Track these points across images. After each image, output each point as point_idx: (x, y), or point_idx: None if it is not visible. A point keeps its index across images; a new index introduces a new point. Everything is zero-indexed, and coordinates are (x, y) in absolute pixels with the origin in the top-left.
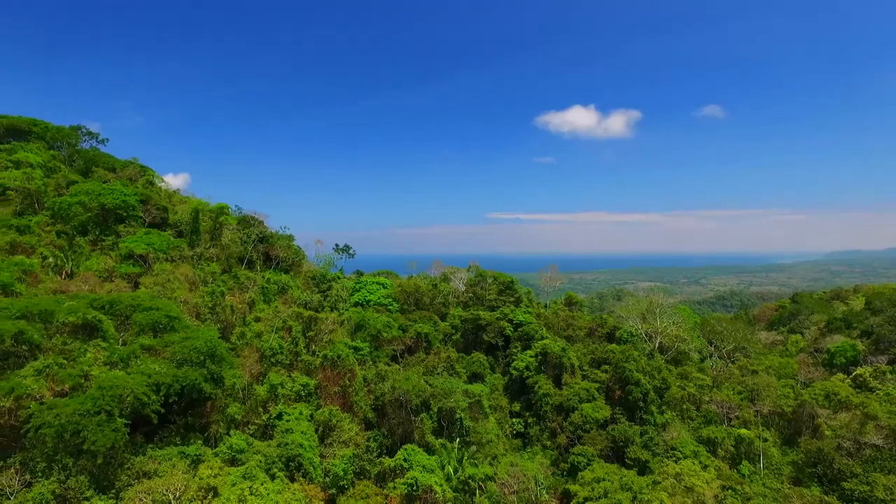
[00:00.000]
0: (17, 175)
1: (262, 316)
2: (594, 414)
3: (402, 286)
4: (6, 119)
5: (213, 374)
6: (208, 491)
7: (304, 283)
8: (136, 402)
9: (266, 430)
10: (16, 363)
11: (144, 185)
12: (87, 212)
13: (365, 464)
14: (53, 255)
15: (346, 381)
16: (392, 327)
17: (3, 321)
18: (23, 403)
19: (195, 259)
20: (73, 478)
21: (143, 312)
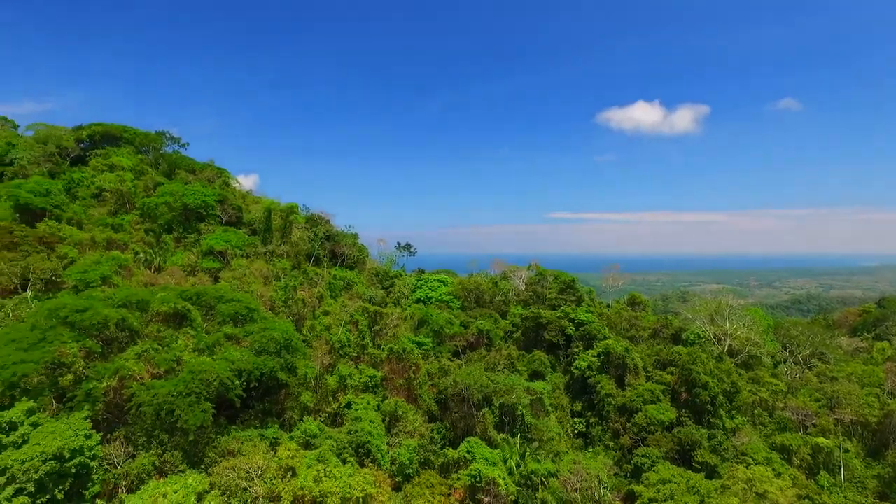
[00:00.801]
0: (111, 178)
1: (330, 310)
2: (659, 416)
3: (463, 284)
4: (101, 126)
5: (289, 364)
6: (287, 470)
7: (368, 279)
8: (220, 386)
9: (336, 418)
10: (118, 347)
11: (221, 186)
12: (171, 211)
13: (429, 454)
14: (143, 250)
15: (411, 375)
16: (454, 324)
17: (108, 309)
18: (126, 383)
19: (268, 255)
20: (168, 452)
21: (225, 304)
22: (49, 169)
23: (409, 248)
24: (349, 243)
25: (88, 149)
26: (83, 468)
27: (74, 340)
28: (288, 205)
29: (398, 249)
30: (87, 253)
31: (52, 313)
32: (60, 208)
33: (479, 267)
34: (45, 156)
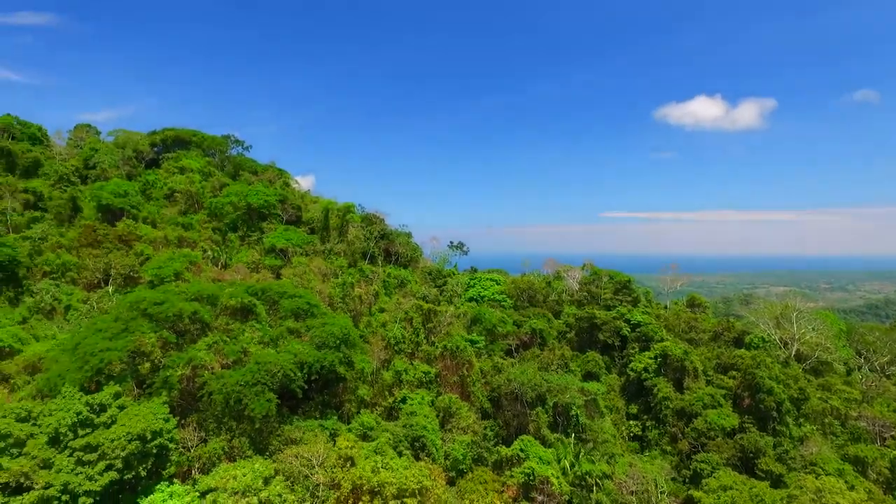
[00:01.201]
0: (181, 180)
1: (385, 307)
2: (720, 421)
3: (516, 283)
4: (173, 131)
5: (347, 358)
6: (346, 460)
7: (421, 277)
8: (284, 378)
9: (391, 412)
10: (191, 338)
11: (282, 187)
12: (236, 211)
13: (483, 451)
14: (211, 248)
15: (464, 372)
16: (507, 322)
17: (183, 302)
18: (198, 372)
19: (326, 253)
20: (236, 438)
21: (288, 299)
22: (127, 172)
23: (462, 246)
24: (403, 242)
25: (161, 152)
26: (163, 449)
27: (153, 331)
28: (345, 204)
29: (451, 248)
30: (161, 250)
31: (133, 305)
32: (137, 208)
33: (532, 266)
34: (123, 159)
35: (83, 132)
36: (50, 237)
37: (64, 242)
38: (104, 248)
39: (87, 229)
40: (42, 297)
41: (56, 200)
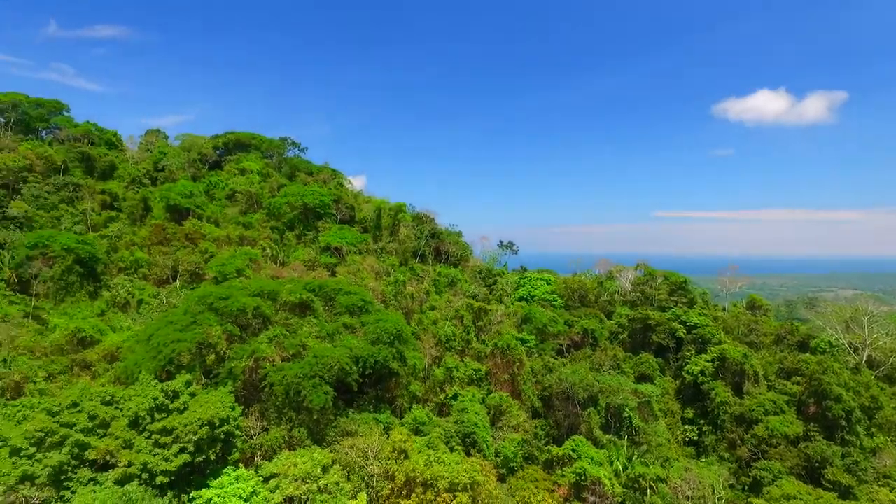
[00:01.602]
0: (242, 181)
1: (436, 305)
2: (783, 428)
3: (567, 283)
4: (234, 135)
5: (400, 354)
6: (400, 453)
7: (471, 276)
8: (340, 371)
9: (442, 409)
10: (253, 332)
11: (336, 187)
12: (293, 210)
13: (533, 450)
14: (270, 246)
15: (515, 370)
16: (557, 322)
17: (246, 297)
18: (260, 364)
19: (378, 252)
20: (296, 428)
21: (344, 296)
22: (192, 173)
23: (511, 246)
24: (453, 241)
25: (223, 155)
26: (229, 436)
27: (218, 324)
28: (396, 204)
29: (500, 248)
30: (223, 248)
31: (200, 300)
32: (201, 208)
33: (583, 266)
34: (189, 162)
35: (153, 137)
36: (124, 235)
37: (136, 240)
38: (172, 245)
39: (156, 228)
40: (118, 291)
41: (129, 201)
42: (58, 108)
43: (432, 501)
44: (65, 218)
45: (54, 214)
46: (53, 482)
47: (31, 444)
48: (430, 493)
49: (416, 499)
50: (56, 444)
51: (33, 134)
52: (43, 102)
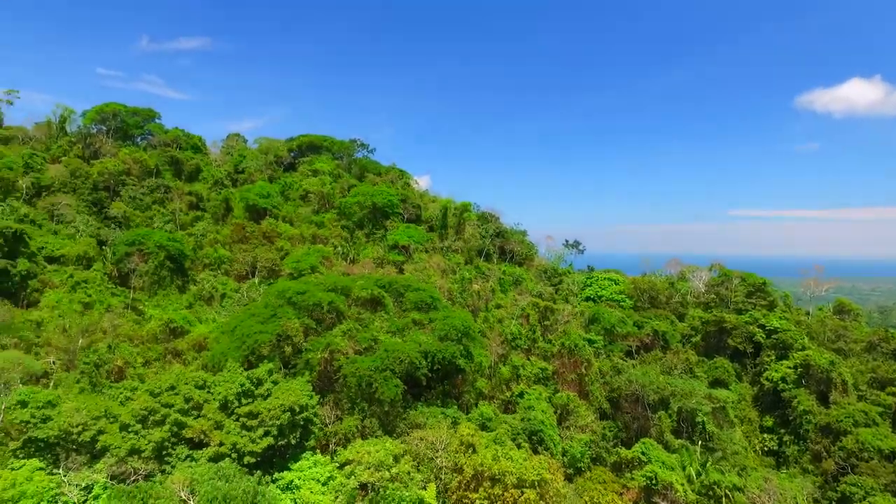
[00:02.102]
0: (314, 182)
1: (501, 303)
2: (876, 442)
3: (636, 283)
4: (307, 137)
5: (467, 351)
6: (468, 447)
7: (535, 275)
8: (409, 365)
9: (508, 406)
10: (327, 325)
11: (403, 187)
12: (362, 210)
13: (601, 451)
14: (341, 244)
15: (583, 371)
16: (626, 323)
17: (321, 293)
18: (334, 356)
19: (444, 250)
20: (367, 419)
21: (413, 292)
22: (269, 175)
23: (577, 245)
24: (518, 240)
25: (297, 157)
26: (308, 422)
27: (296, 317)
28: (462, 203)
29: (566, 247)
30: (297, 246)
31: (279, 294)
32: (277, 208)
33: (653, 266)
34: (266, 164)
35: (233, 141)
36: (208, 234)
37: (219, 238)
38: (251, 243)
39: (237, 227)
40: (203, 286)
41: (213, 201)
42: (151, 115)
43: (500, 496)
44: (157, 217)
45: (148, 214)
46: (156, 456)
47: (136, 421)
48: (498, 487)
49: (484, 493)
50: (158, 422)
51: (130, 140)
52: (138, 111)
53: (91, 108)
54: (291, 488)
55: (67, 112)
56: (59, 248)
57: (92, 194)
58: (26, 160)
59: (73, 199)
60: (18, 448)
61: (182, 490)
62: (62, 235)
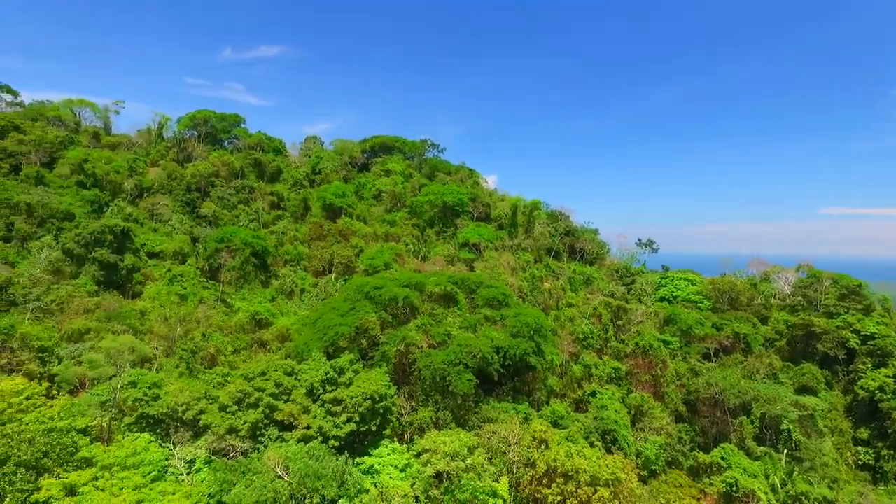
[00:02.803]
0: (387, 182)
1: (572, 302)
2: None
3: (714, 284)
4: (379, 139)
5: (539, 348)
6: (540, 442)
7: (607, 275)
8: (482, 360)
9: (579, 405)
10: (402, 319)
11: (472, 186)
12: (433, 208)
13: (677, 454)
14: (412, 242)
15: (658, 372)
16: (704, 325)
17: (397, 288)
18: (410, 350)
19: (513, 248)
20: (441, 411)
21: (485, 289)
22: (344, 175)
23: (651, 244)
24: (588, 239)
25: (370, 157)
26: (387, 411)
27: (373, 312)
28: (531, 201)
29: (639, 246)
30: (371, 244)
31: (357, 289)
32: (352, 207)
33: (733, 267)
34: (341, 165)
35: (311, 143)
36: (288, 231)
37: (298, 236)
38: (328, 241)
39: (314, 225)
40: (284, 280)
41: (292, 201)
42: (237, 121)
43: (573, 493)
44: (242, 216)
45: (234, 213)
46: (251, 435)
47: (233, 402)
48: (571, 484)
49: (557, 488)
50: (252, 404)
51: (218, 144)
52: (225, 117)
53: (185, 115)
54: (371, 473)
55: (164, 119)
56: (159, 245)
57: (185, 195)
58: (130, 164)
59: (169, 199)
60: (132, 423)
61: (277, 466)
62: (161, 233)
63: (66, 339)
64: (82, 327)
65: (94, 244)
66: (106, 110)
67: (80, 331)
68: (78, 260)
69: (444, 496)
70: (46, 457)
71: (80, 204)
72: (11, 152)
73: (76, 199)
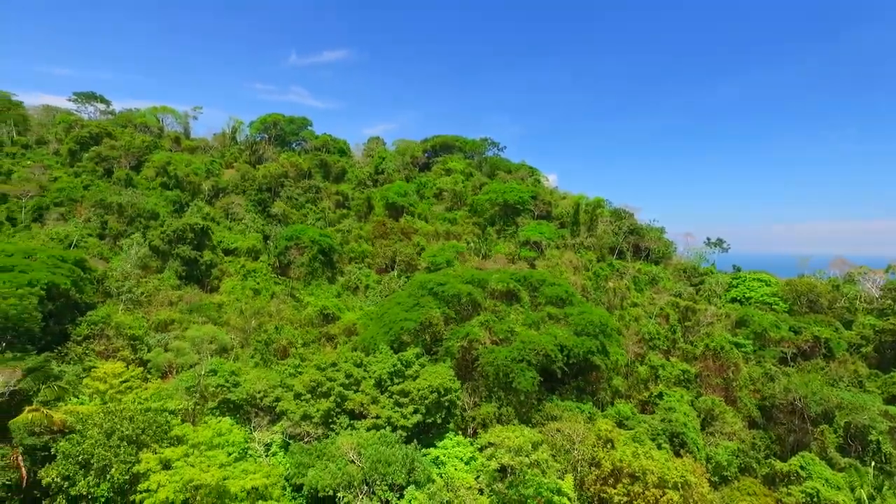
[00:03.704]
0: (447, 180)
1: (637, 302)
2: None
3: (792, 285)
4: (440, 138)
5: (603, 347)
6: (606, 442)
7: (673, 275)
8: (545, 358)
9: (645, 407)
10: (465, 316)
11: (533, 184)
12: (493, 207)
13: (751, 461)
14: (473, 241)
15: (730, 375)
16: (781, 327)
17: (461, 285)
18: (473, 346)
19: (575, 247)
20: (504, 407)
21: (549, 286)
22: (405, 175)
23: (721, 243)
24: (654, 237)
25: (431, 157)
26: (451, 404)
27: (437, 307)
28: (594, 199)
29: (707, 245)
30: (432, 242)
31: (422, 285)
32: (413, 206)
33: (812, 267)
34: (402, 164)
35: (374, 144)
36: (353, 230)
37: (362, 234)
38: (390, 239)
39: (378, 224)
40: (349, 277)
41: (356, 200)
42: (304, 123)
43: (640, 494)
44: (309, 215)
45: (302, 212)
46: (324, 422)
47: (307, 391)
48: (638, 485)
49: (623, 489)
50: (324, 393)
51: (287, 146)
52: (294, 120)
53: (256, 119)
54: (437, 464)
55: (238, 123)
56: (233, 242)
57: (257, 195)
58: (207, 166)
59: (243, 199)
60: (214, 407)
61: (350, 451)
62: (235, 231)
63: (153, 328)
64: (167, 318)
65: (177, 241)
66: (186, 116)
67: (166, 321)
68: (162, 256)
69: (508, 490)
70: (144, 433)
71: (163, 204)
72: (105, 157)
73: (160, 200)
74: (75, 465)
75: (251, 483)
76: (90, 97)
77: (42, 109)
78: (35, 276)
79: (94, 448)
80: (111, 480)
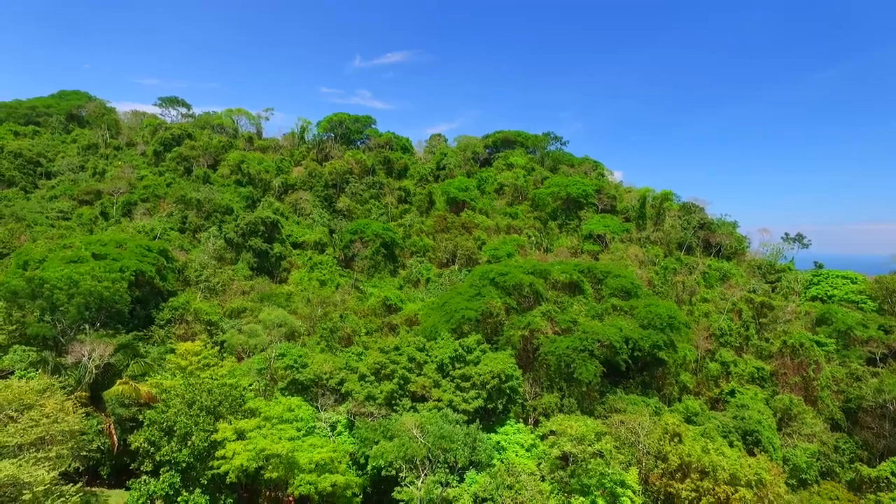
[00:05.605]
0: (508, 175)
1: (708, 297)
2: None
3: (881, 282)
4: (501, 134)
5: (671, 341)
6: (673, 436)
7: (747, 271)
8: (608, 349)
9: (715, 404)
10: (527, 306)
11: (596, 178)
12: (555, 201)
13: (834, 465)
14: (534, 235)
15: (809, 374)
16: (868, 326)
17: (523, 275)
18: (534, 335)
19: (641, 241)
20: (566, 398)
21: (613, 278)
22: (466, 170)
23: (801, 239)
24: (725, 233)
25: (492, 152)
26: (513, 391)
27: (498, 297)
28: (662, 192)
29: (785, 241)
30: (493, 236)
31: (483, 275)
32: (474, 201)
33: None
34: (464, 160)
35: (435, 141)
36: (414, 224)
37: (424, 228)
38: (451, 233)
39: (439, 218)
40: (411, 270)
41: (418, 196)
42: (368, 122)
43: (709, 490)
44: (373, 210)
45: (366, 207)
46: (387, 403)
47: (371, 373)
48: (708, 481)
49: (692, 484)
50: (387, 375)
51: (352, 144)
52: (358, 119)
53: (323, 119)
54: (498, 449)
55: (306, 123)
56: (301, 236)
57: (324, 191)
58: (277, 164)
59: (310, 195)
60: (284, 387)
61: (414, 428)
62: (303, 225)
63: (227, 315)
64: (240, 306)
65: (249, 234)
66: (258, 117)
67: (238, 309)
68: (236, 248)
69: (570, 479)
70: (221, 405)
71: (237, 199)
72: (185, 156)
73: (234, 196)
74: (160, 431)
75: (318, 456)
76: (173, 101)
77: (131, 114)
78: (125, 264)
79: (176, 416)
80: (192, 447)
